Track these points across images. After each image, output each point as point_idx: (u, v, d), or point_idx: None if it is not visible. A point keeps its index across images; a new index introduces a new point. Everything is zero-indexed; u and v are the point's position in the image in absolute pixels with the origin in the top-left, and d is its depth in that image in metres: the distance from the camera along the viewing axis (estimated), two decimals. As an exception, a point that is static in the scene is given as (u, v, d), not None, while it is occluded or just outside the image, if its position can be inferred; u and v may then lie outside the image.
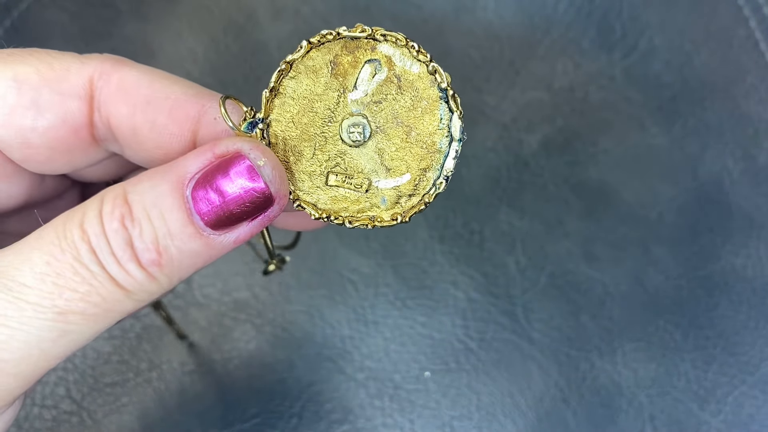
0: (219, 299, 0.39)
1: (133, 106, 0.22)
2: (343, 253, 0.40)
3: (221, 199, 0.20)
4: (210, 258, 0.21)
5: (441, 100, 0.23)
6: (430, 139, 0.23)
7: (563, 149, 0.42)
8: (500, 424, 0.38)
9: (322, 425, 0.37)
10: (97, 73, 0.22)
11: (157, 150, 0.23)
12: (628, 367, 0.38)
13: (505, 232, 0.41)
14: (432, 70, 0.22)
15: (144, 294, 0.21)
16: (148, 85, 0.22)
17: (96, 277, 0.20)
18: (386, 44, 0.22)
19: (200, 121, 0.22)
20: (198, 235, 0.20)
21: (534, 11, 0.44)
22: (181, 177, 0.20)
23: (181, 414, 0.37)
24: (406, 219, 0.23)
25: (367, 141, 0.23)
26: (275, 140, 0.23)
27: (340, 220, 0.23)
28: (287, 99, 0.22)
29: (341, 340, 0.39)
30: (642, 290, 0.40)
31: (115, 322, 0.21)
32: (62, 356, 0.21)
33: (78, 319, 0.20)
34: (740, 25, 0.44)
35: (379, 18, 0.44)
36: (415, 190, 0.23)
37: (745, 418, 0.38)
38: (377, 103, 0.23)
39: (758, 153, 0.42)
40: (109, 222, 0.20)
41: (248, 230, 0.21)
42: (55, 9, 0.43)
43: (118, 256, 0.20)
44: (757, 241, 0.40)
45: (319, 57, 0.22)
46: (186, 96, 0.22)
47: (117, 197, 0.20)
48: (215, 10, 0.44)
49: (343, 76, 0.22)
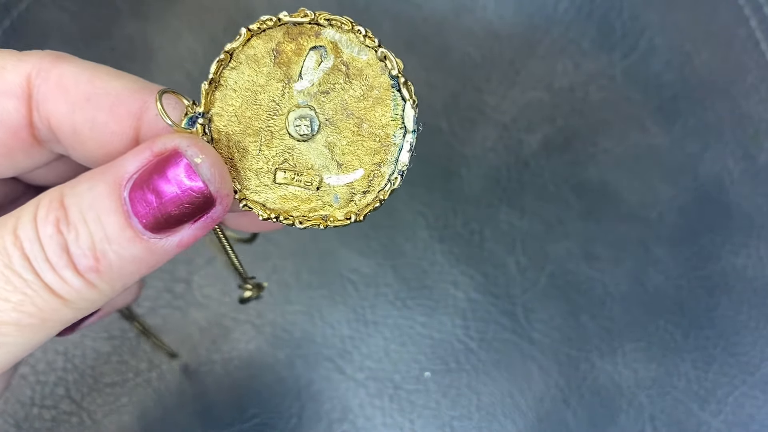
0: (219, 299, 0.39)
1: (73, 103, 0.21)
2: (343, 253, 0.40)
3: (159, 201, 0.19)
4: (154, 263, 0.20)
5: (393, 89, 0.21)
6: (383, 131, 0.21)
7: (563, 149, 0.42)
8: (500, 425, 0.38)
9: (322, 425, 0.37)
10: (35, 70, 0.21)
11: (100, 150, 0.22)
12: (628, 367, 0.38)
13: (505, 232, 0.41)
14: (382, 56, 0.21)
15: (83, 302, 0.19)
16: (87, 81, 0.21)
17: (30, 285, 0.19)
18: (331, 29, 0.21)
19: (142, 117, 0.21)
20: (137, 238, 0.19)
21: (534, 11, 0.44)
22: (118, 178, 0.19)
23: (181, 414, 0.37)
24: (361, 218, 0.21)
25: (316, 135, 0.21)
26: (218, 136, 0.21)
27: (290, 220, 0.21)
28: (228, 91, 0.21)
29: (341, 340, 0.39)
30: (642, 290, 0.40)
31: (56, 332, 0.20)
32: (0, 368, 0.20)
33: (12, 330, 0.19)
34: (741, 24, 0.44)
35: (379, 17, 0.44)
36: (369, 187, 0.21)
37: (746, 418, 0.38)
38: (325, 94, 0.21)
39: (758, 153, 0.42)
40: (44, 227, 0.19)
41: (191, 233, 0.20)
42: (54, 9, 0.43)
43: (53, 263, 0.19)
44: (757, 241, 0.40)
45: (260, 45, 0.21)
46: (127, 91, 0.21)
47: (53, 200, 0.19)
48: (215, 10, 0.44)
49: (287, 65, 0.21)
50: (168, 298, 0.39)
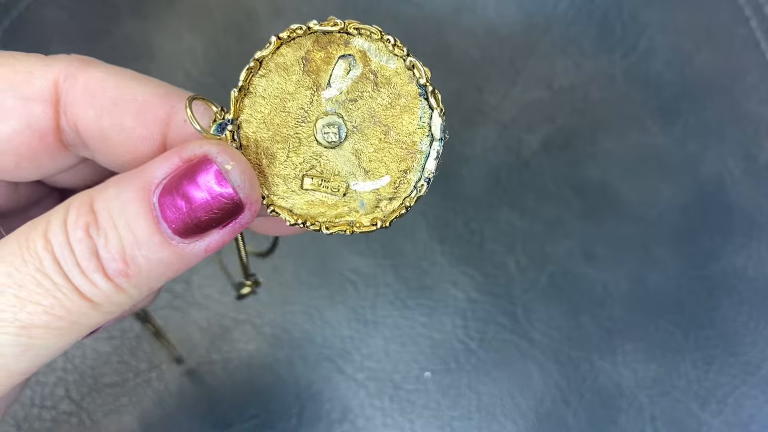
0: (219, 299, 0.39)
1: (100, 108, 0.21)
2: (343, 253, 0.40)
3: (188, 206, 0.19)
4: (181, 268, 0.20)
5: (420, 97, 0.21)
6: (410, 138, 0.21)
7: (563, 149, 0.42)
8: (500, 425, 0.38)
9: (322, 425, 0.37)
10: (62, 75, 0.21)
11: (127, 154, 0.22)
12: (628, 367, 0.38)
13: (505, 232, 0.41)
14: (410, 65, 0.21)
15: (112, 306, 0.20)
16: (114, 86, 0.21)
17: (60, 288, 0.19)
18: (360, 38, 0.21)
19: (170, 123, 0.21)
20: (166, 243, 0.19)
21: (534, 10, 0.44)
22: (147, 183, 0.19)
23: (181, 414, 0.37)
24: (387, 224, 0.22)
25: (344, 142, 0.21)
26: (246, 142, 0.21)
27: (316, 225, 0.21)
28: (258, 98, 0.21)
29: (341, 340, 0.39)
30: (642, 290, 0.40)
31: (83, 335, 0.20)
32: (28, 372, 0.20)
33: (42, 333, 0.19)
34: (741, 24, 0.44)
35: (379, 17, 0.44)
36: (395, 194, 0.22)
37: (746, 418, 0.38)
38: (353, 101, 0.21)
39: (759, 153, 0.42)
40: (74, 231, 0.19)
41: (219, 238, 0.20)
42: (54, 8, 0.43)
43: (83, 267, 0.19)
44: (758, 241, 0.40)
45: (289, 53, 0.21)
46: (155, 97, 0.21)
47: (82, 205, 0.19)
48: (215, 10, 0.44)
49: (316, 73, 0.21)
50: (168, 298, 0.39)
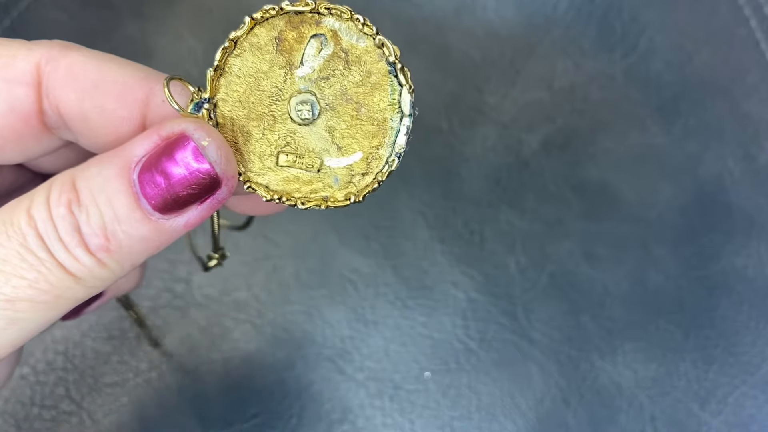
0: (219, 299, 0.39)
1: (82, 91, 0.22)
2: (343, 253, 0.40)
3: (167, 182, 0.20)
4: (161, 243, 0.21)
5: (390, 75, 0.22)
6: (381, 115, 0.22)
7: (563, 149, 0.42)
8: (500, 425, 0.38)
9: (322, 425, 0.37)
10: (44, 58, 0.22)
11: (108, 135, 0.23)
12: (628, 367, 0.38)
13: (505, 232, 0.41)
14: (379, 43, 0.22)
15: (94, 280, 0.20)
16: (95, 69, 0.22)
17: (44, 263, 0.19)
18: (331, 18, 0.22)
19: (149, 103, 0.22)
20: (146, 219, 0.20)
21: (534, 11, 0.44)
22: (127, 161, 0.20)
23: (181, 414, 0.37)
24: (360, 198, 0.22)
25: (317, 119, 0.22)
26: (223, 120, 0.22)
27: (292, 201, 0.22)
28: (233, 77, 0.22)
29: (341, 340, 0.39)
30: (642, 290, 0.40)
31: (67, 309, 0.21)
32: (13, 345, 0.21)
33: (27, 306, 0.20)
34: (741, 24, 0.44)
35: (379, 17, 0.44)
36: (367, 169, 0.22)
37: (746, 418, 0.38)
38: (325, 79, 0.22)
39: (759, 153, 0.42)
40: (56, 207, 0.19)
41: (198, 214, 0.20)
42: (54, 9, 0.43)
43: (65, 242, 0.19)
44: (757, 241, 0.40)
45: (263, 33, 0.22)
46: (134, 79, 0.22)
47: (65, 183, 0.20)
48: (215, 10, 0.44)
49: (289, 53, 0.22)
50: (168, 298, 0.39)
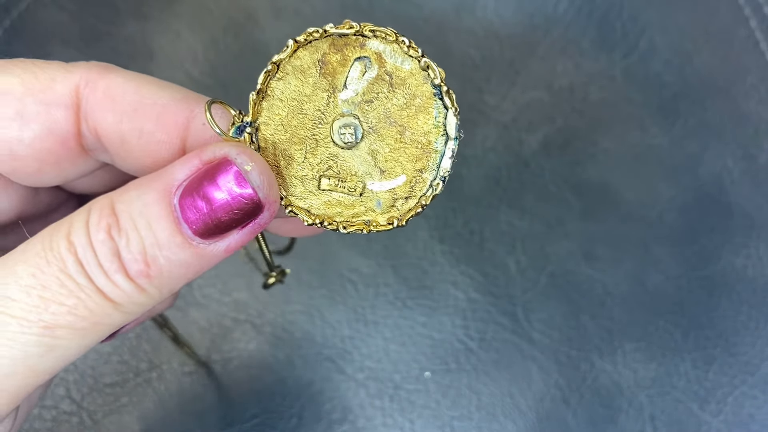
0: (219, 299, 0.39)
1: (120, 113, 0.22)
2: (343, 253, 0.40)
3: (209, 207, 0.19)
4: (201, 268, 0.20)
5: (435, 97, 0.22)
6: (425, 138, 0.22)
7: (563, 149, 0.42)
8: (500, 425, 0.38)
9: (322, 425, 0.37)
10: (83, 81, 0.22)
11: (147, 158, 0.22)
12: (628, 367, 0.38)
13: (505, 232, 0.41)
14: (424, 65, 0.21)
15: (133, 306, 0.20)
16: (134, 92, 0.22)
17: (83, 289, 0.19)
18: (376, 40, 0.21)
19: (189, 127, 0.22)
20: (187, 244, 0.20)
21: (534, 11, 0.44)
22: (168, 185, 0.20)
23: (181, 414, 0.37)
24: (403, 223, 0.22)
25: (360, 142, 0.22)
26: (265, 144, 0.22)
27: (334, 225, 0.22)
28: (275, 101, 0.22)
29: (341, 340, 0.39)
30: (642, 290, 0.40)
31: (105, 335, 0.21)
32: (51, 372, 0.20)
33: (65, 333, 0.19)
34: (741, 24, 0.44)
35: (380, 17, 0.44)
36: (411, 193, 0.22)
37: (746, 418, 0.38)
38: (369, 103, 0.22)
39: (758, 153, 0.42)
40: (96, 233, 0.19)
41: (239, 238, 0.20)
42: (54, 9, 0.43)
43: (105, 268, 0.19)
44: (757, 241, 0.40)
45: (306, 56, 0.22)
46: (174, 101, 0.22)
47: (104, 207, 0.20)
48: (215, 10, 0.44)
49: (332, 76, 0.22)
50: (168, 298, 0.39)
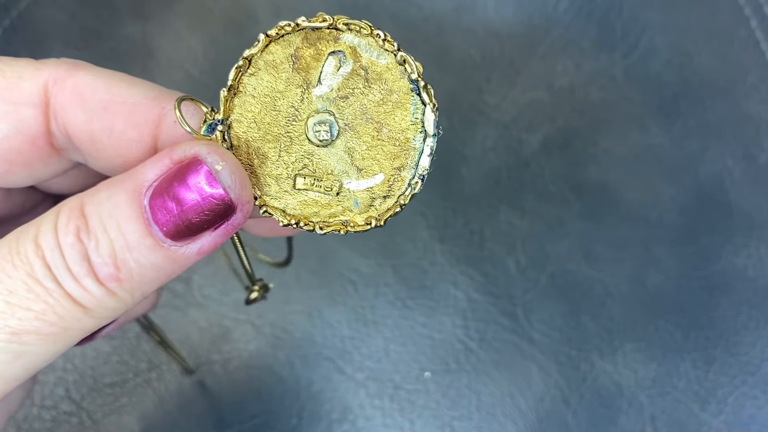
0: (219, 299, 0.39)
1: (90, 112, 0.21)
2: (343, 253, 0.40)
3: (179, 208, 0.19)
4: (173, 271, 0.20)
5: (412, 93, 0.21)
6: (403, 135, 0.21)
7: (563, 149, 0.42)
8: (500, 425, 0.38)
9: (322, 425, 0.37)
10: (51, 79, 0.21)
11: (118, 158, 0.22)
12: (628, 367, 0.38)
13: (505, 232, 0.41)
14: (401, 60, 0.21)
15: (104, 311, 0.19)
16: (104, 90, 0.21)
17: (51, 294, 0.18)
18: (350, 34, 0.21)
19: (160, 125, 0.21)
20: (158, 246, 0.19)
21: (534, 11, 0.44)
22: (138, 185, 0.19)
23: (181, 414, 0.37)
24: (381, 223, 0.21)
25: (336, 140, 0.21)
26: (237, 142, 0.21)
27: (310, 226, 0.21)
28: (247, 97, 0.21)
29: (341, 340, 0.39)
30: (642, 290, 0.40)
31: (76, 341, 0.20)
32: (20, 379, 0.19)
33: (33, 339, 0.19)
34: (741, 24, 0.44)
35: (380, 17, 0.44)
36: (389, 192, 0.21)
37: (746, 418, 0.38)
38: (344, 99, 0.21)
39: (759, 153, 0.42)
40: (64, 235, 0.18)
41: (212, 240, 0.19)
42: (54, 9, 0.43)
43: (74, 272, 0.18)
44: (757, 241, 0.40)
45: (279, 51, 0.21)
46: (145, 99, 0.21)
47: (73, 209, 0.19)
48: (215, 10, 0.44)
49: (306, 71, 0.21)
50: (168, 298, 0.39)
